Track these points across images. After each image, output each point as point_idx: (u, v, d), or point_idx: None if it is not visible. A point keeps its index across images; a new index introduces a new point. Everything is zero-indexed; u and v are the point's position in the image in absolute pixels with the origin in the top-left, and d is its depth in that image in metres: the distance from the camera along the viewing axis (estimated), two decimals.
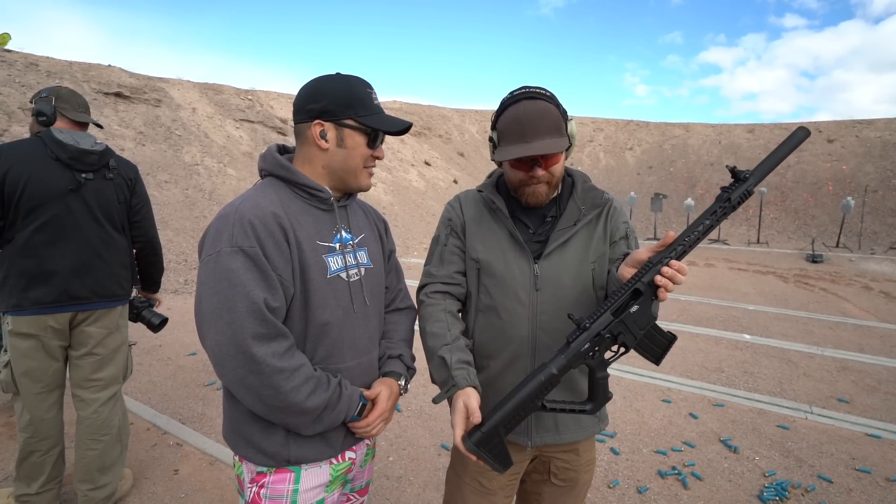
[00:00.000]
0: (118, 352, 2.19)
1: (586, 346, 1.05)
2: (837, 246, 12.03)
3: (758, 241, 13.05)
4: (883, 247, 11.99)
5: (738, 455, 2.85)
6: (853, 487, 2.56)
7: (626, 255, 1.17)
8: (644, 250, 1.06)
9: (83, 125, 2.10)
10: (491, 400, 1.28)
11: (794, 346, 4.84)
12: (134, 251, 2.27)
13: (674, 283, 1.00)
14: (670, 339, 1.10)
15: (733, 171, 1.05)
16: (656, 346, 1.09)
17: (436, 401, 1.12)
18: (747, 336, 5.16)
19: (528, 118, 1.14)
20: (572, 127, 1.21)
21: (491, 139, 1.25)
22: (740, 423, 3.26)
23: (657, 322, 1.09)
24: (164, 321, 2.30)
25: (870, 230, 12.90)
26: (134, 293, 2.30)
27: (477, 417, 1.04)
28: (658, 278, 1.00)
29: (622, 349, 1.08)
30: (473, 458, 1.03)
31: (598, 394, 1.09)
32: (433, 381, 1.20)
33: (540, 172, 1.17)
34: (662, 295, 1.00)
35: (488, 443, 1.03)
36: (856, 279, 8.55)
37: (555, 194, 1.26)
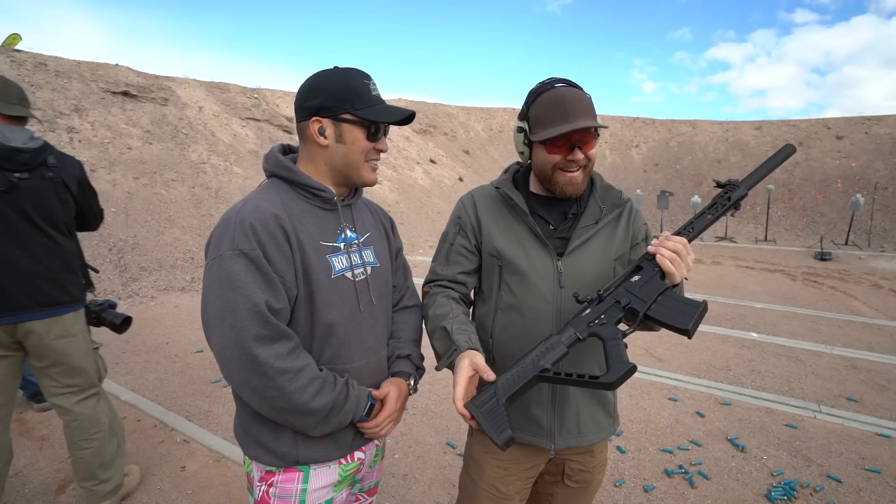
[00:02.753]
0: (84, 357, 2.09)
1: (588, 311, 1.04)
2: (846, 244, 11.91)
3: (765, 239, 12.94)
4: (893, 244, 11.86)
5: (745, 454, 2.83)
6: (863, 487, 2.54)
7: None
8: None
9: (19, 119, 1.93)
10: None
11: (803, 345, 4.80)
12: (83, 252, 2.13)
13: (667, 248, 1.02)
14: (700, 304, 0.99)
15: (717, 183, 1.13)
16: (681, 312, 0.99)
17: (438, 368, 1.10)
18: (755, 334, 5.12)
19: (568, 100, 1.13)
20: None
21: (521, 129, 1.22)
22: (748, 421, 3.23)
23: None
24: (128, 320, 2.20)
25: (879, 227, 12.76)
26: (89, 297, 2.20)
27: (490, 374, 1.01)
28: (650, 247, 1.04)
29: (638, 321, 1.02)
30: (468, 415, 0.98)
31: (615, 360, 0.96)
32: (437, 356, 1.17)
33: (580, 156, 1.15)
34: (662, 263, 1.02)
35: (483, 403, 0.97)
36: (865, 277, 8.46)
37: (585, 185, 1.23)
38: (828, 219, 13.81)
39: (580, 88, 1.18)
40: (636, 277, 1.04)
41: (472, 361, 1.03)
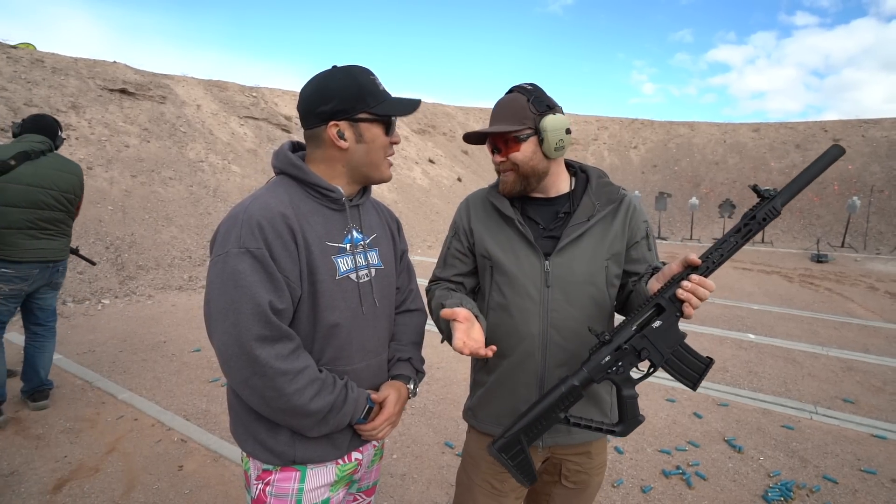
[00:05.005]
0: None
1: (607, 358, 1.04)
2: (843, 246, 11.96)
3: (762, 241, 12.99)
4: (888, 247, 11.92)
5: (742, 455, 2.84)
6: (858, 488, 2.55)
7: (656, 268, 1.17)
8: (675, 264, 1.05)
9: None
10: (503, 399, 1.27)
11: (799, 346, 4.82)
12: None
13: (697, 297, 0.98)
14: (706, 362, 1.07)
15: (756, 190, 1.03)
16: (691, 368, 1.07)
17: (444, 340, 1.19)
18: (752, 336, 5.14)
19: (496, 108, 1.24)
20: (549, 121, 1.18)
21: None
22: (745, 422, 3.24)
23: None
24: None
25: (875, 230, 12.82)
26: None
27: (465, 314, 1.10)
28: (679, 292, 0.99)
29: (651, 369, 1.07)
30: (468, 351, 1.05)
31: (628, 415, 1.07)
32: (443, 336, 1.24)
33: (497, 158, 1.24)
34: (687, 311, 1.00)
35: (510, 449, 1.05)
36: (861, 279, 8.50)
37: (522, 186, 1.24)
38: (824, 221, 13.86)
39: (522, 91, 1.22)
40: (657, 323, 1.03)
41: (457, 311, 1.11)
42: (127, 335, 4.48)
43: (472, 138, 1.26)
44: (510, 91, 1.26)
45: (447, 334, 1.20)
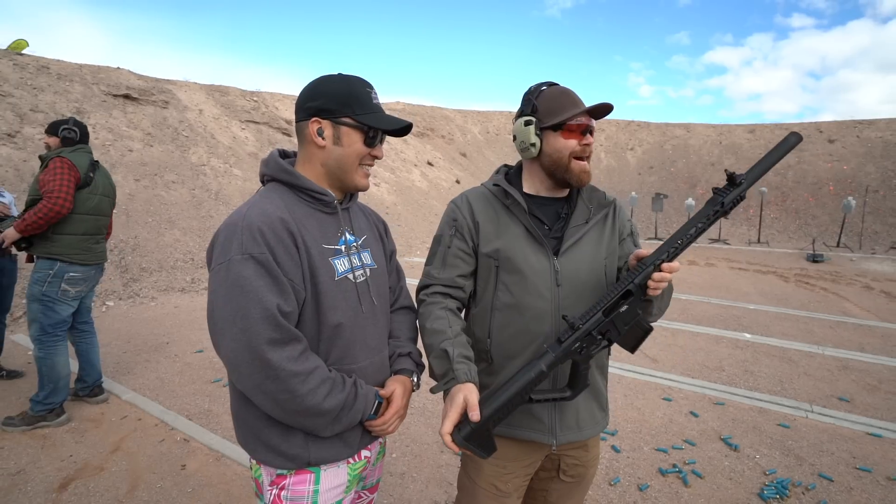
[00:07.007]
0: None
1: (577, 345, 1.10)
2: (838, 246, 12.02)
3: (758, 241, 13.05)
4: (884, 246, 11.97)
5: (738, 453, 2.88)
6: (854, 486, 2.58)
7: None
8: (644, 251, 1.11)
9: None
10: None
11: (795, 345, 4.86)
12: None
13: (665, 282, 1.07)
14: (646, 329, 1.14)
15: (730, 175, 1.09)
16: (633, 336, 1.14)
17: (433, 391, 1.13)
18: (748, 335, 5.18)
19: (573, 92, 1.26)
20: None
21: (529, 122, 1.24)
22: (741, 421, 3.28)
23: (660, 321, 1.13)
24: None
25: (871, 230, 12.88)
26: None
27: (476, 415, 1.02)
28: (652, 283, 1.07)
29: (605, 342, 1.14)
30: (458, 450, 1.04)
31: (579, 382, 1.15)
32: (432, 376, 1.18)
33: (592, 139, 1.25)
34: (654, 294, 1.08)
35: (477, 437, 1.04)
36: (856, 279, 8.54)
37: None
38: (820, 221, 13.92)
39: None
40: (624, 308, 1.10)
41: (467, 398, 1.04)
42: (130, 336, 4.52)
43: (598, 110, 1.22)
44: (561, 86, 1.29)
45: (441, 381, 1.14)
